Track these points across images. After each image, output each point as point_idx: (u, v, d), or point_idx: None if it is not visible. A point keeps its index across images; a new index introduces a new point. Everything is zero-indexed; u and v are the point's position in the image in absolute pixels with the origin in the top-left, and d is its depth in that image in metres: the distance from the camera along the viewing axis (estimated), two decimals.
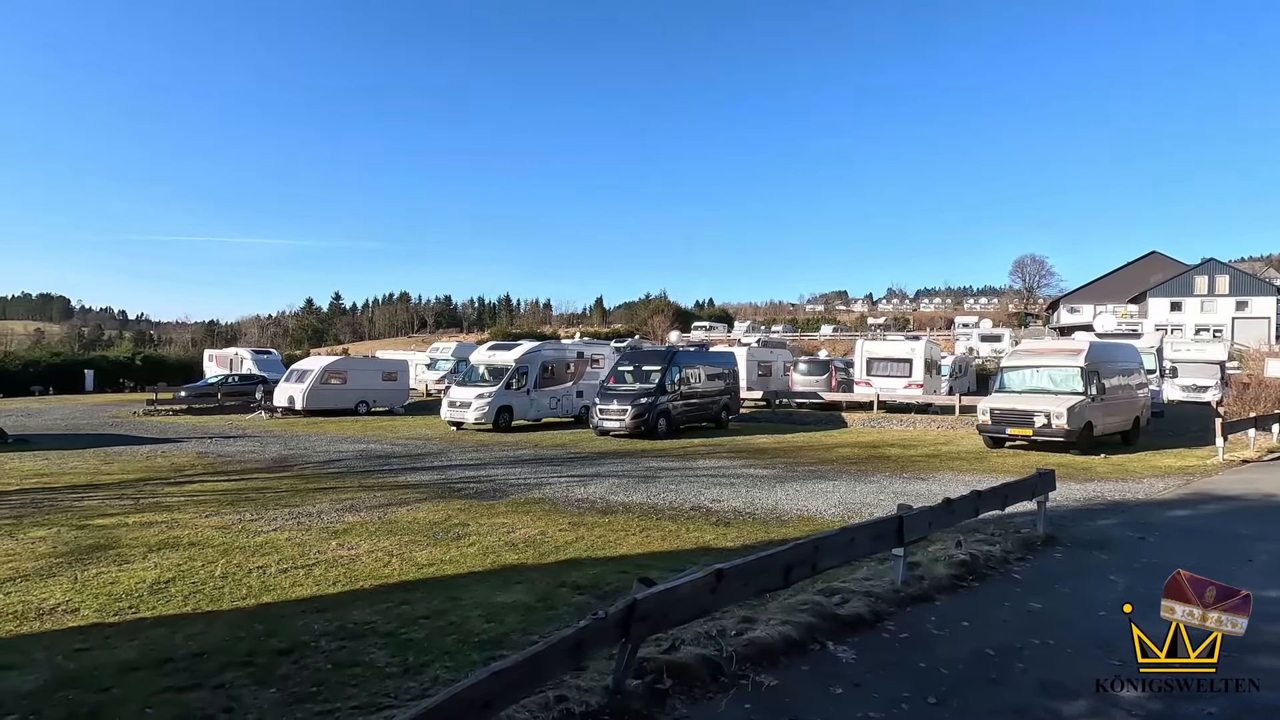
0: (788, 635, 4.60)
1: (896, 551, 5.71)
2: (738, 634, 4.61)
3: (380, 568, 6.66)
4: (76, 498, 10.30)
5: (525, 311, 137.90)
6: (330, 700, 3.86)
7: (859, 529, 5.40)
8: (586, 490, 11.03)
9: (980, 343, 49.09)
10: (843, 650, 4.59)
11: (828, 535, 5.20)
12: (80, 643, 4.75)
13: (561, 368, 23.98)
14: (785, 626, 4.69)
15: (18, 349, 53.62)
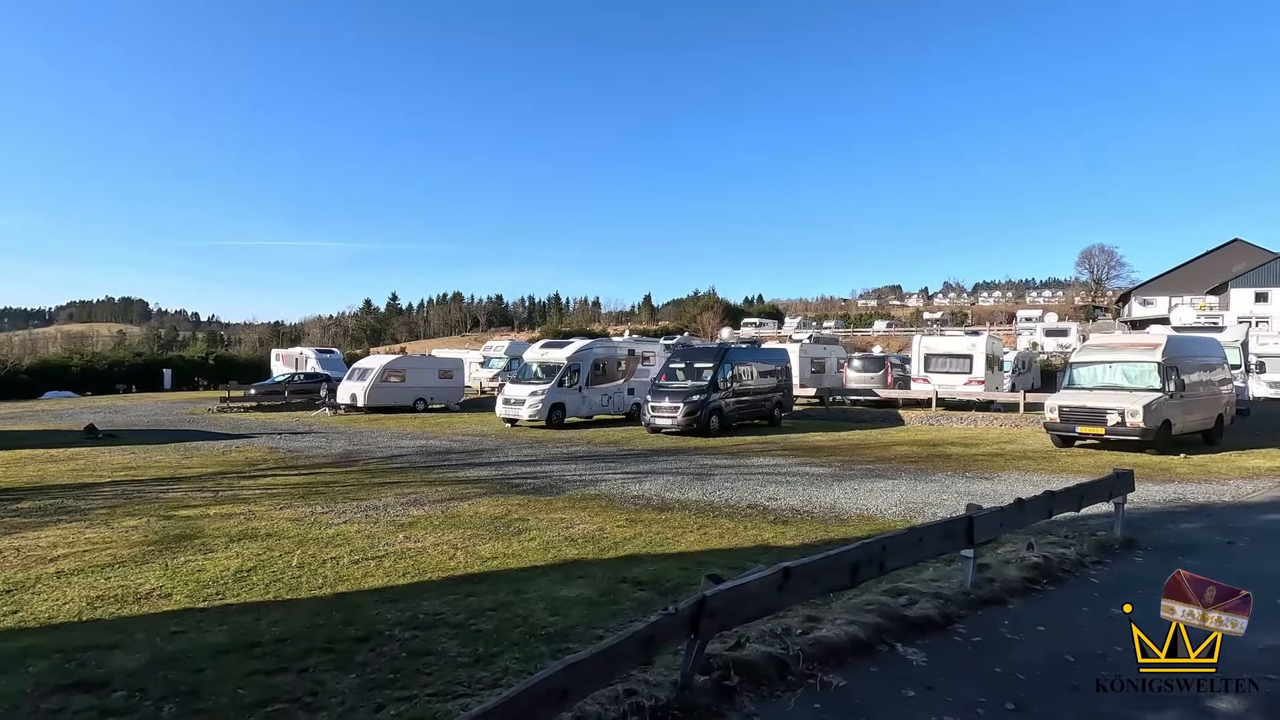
0: (854, 635, 4.54)
1: (966, 553, 5.56)
2: (803, 633, 4.57)
3: (446, 560, 6.85)
4: (161, 490, 10.92)
5: (574, 310, 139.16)
6: (408, 687, 4.00)
7: (927, 529, 5.28)
8: (642, 487, 11.08)
9: (1045, 337, 47.20)
10: (912, 652, 4.50)
11: (895, 535, 5.10)
12: (175, 626, 5.04)
13: (613, 365, 24.14)
14: (852, 627, 4.63)
15: (103, 350, 57.06)
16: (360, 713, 3.68)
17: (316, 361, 36.71)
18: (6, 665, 4.27)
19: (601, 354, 24.05)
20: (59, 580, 6.15)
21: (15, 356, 45.45)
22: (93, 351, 51.69)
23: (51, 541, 7.51)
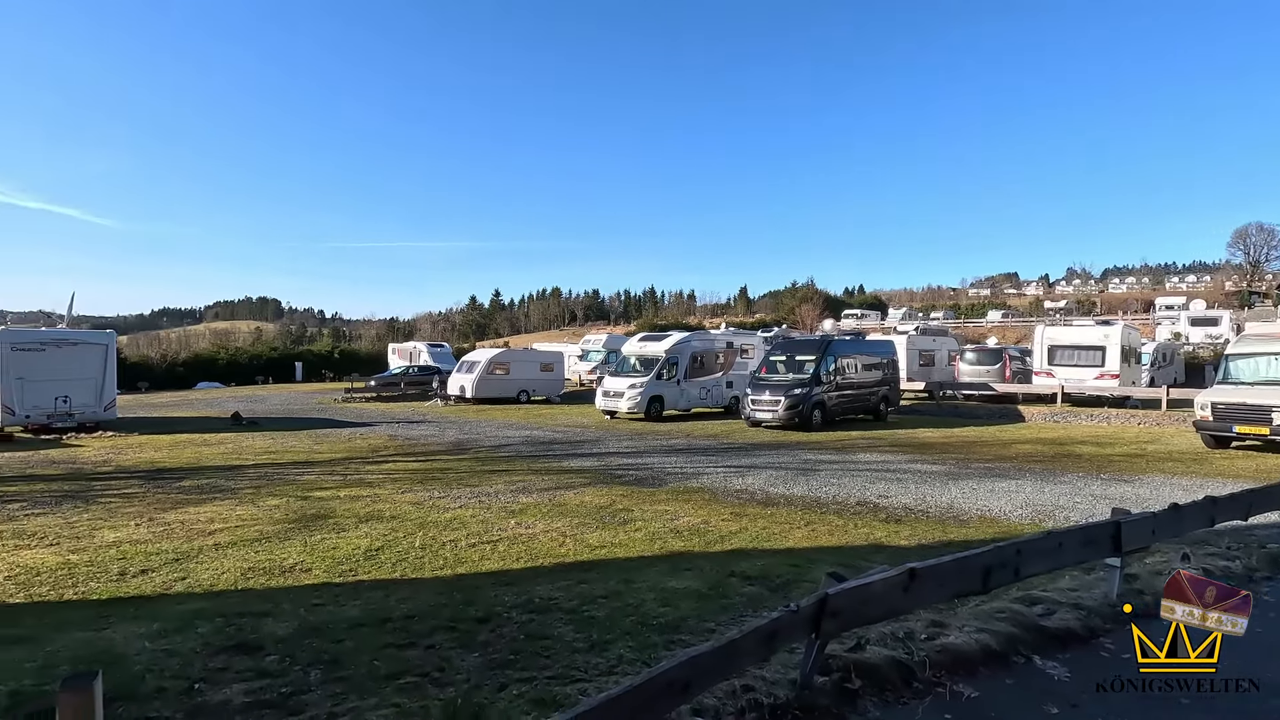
0: (985, 644, 4.25)
1: (1112, 561, 5.08)
2: (928, 638, 4.33)
3: (556, 547, 7.03)
4: (298, 472, 11.88)
5: (669, 303, 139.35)
6: (527, 669, 4.12)
7: (1067, 534, 4.87)
8: (744, 481, 10.93)
9: (1190, 327, 42.61)
10: (1052, 666, 4.17)
11: (1032, 539, 4.73)
12: (315, 599, 5.46)
13: (711, 358, 23.99)
14: (982, 635, 4.34)
15: (244, 345, 62.88)
16: (485, 690, 3.82)
17: (428, 355, 38.79)
18: (181, 625, 4.77)
19: (699, 347, 23.95)
20: (217, 552, 6.81)
21: (173, 351, 50.95)
22: (235, 346, 57.08)
23: (209, 517, 8.34)
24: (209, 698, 3.74)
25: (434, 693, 3.80)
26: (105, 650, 4.32)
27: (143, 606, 5.28)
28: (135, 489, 10.33)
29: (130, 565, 6.31)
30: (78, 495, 9.79)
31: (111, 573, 6.12)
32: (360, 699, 3.72)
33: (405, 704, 3.67)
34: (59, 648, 4.38)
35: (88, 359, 18.35)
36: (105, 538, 7.32)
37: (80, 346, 18.51)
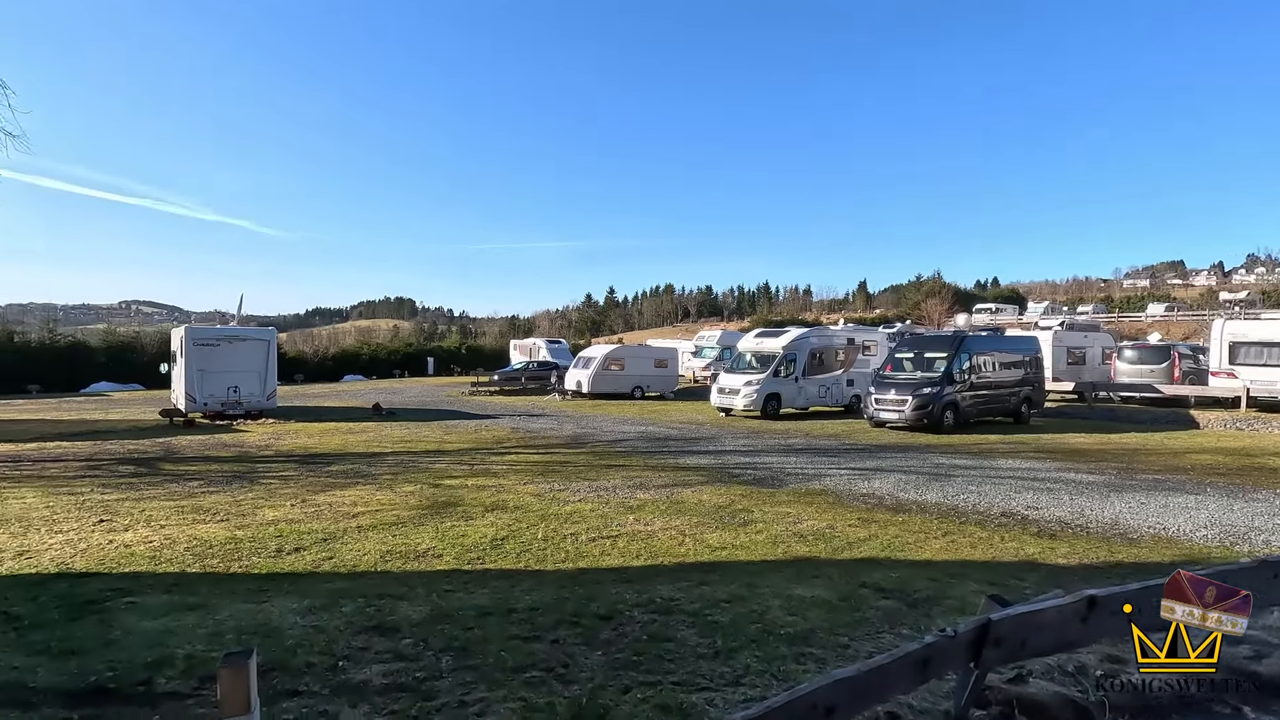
0: (1181, 688, 3.64)
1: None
2: (1106, 675, 3.78)
3: (676, 546, 6.90)
4: (430, 461, 12.55)
5: (784, 299, 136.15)
6: (651, 672, 4.00)
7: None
8: (871, 485, 10.32)
9: None
10: None
11: (1237, 567, 4.02)
12: (446, 585, 5.64)
13: (831, 355, 23.06)
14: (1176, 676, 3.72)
15: (384, 341, 68.03)
16: (609, 692, 3.74)
17: (547, 351, 40.15)
18: (328, 603, 5.07)
19: (818, 343, 23.08)
20: (359, 534, 7.25)
21: (323, 347, 56.02)
22: (376, 343, 61.84)
23: (353, 500, 8.93)
24: (351, 676, 3.91)
25: (559, 689, 3.77)
26: (264, 623, 4.66)
27: (295, 583, 5.68)
28: (291, 472, 11.31)
29: (286, 543, 6.85)
30: (244, 476, 10.85)
31: (270, 549, 6.67)
32: (489, 690, 3.75)
33: (531, 699, 3.65)
34: (225, 617, 4.78)
35: (254, 353, 20.44)
36: (265, 516, 8.02)
37: (248, 342, 20.65)
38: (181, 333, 20.56)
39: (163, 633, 4.47)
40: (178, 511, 8.21)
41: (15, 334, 36.83)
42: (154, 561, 6.20)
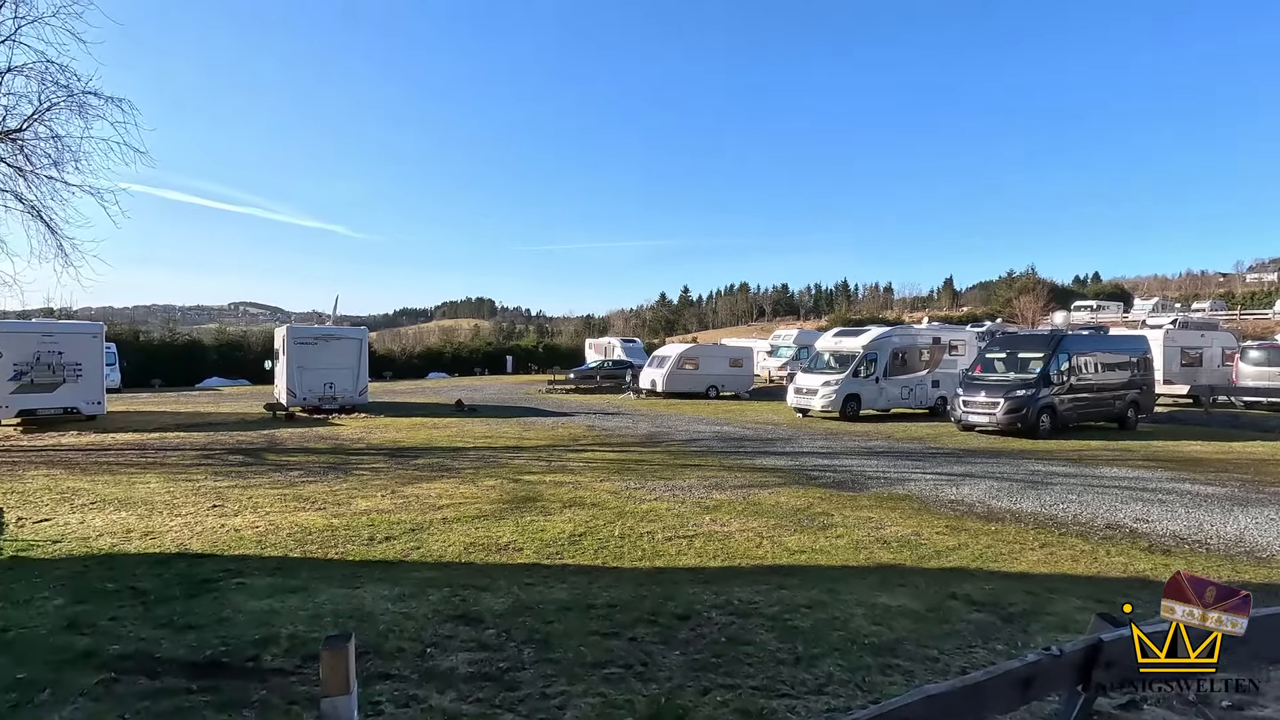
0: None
1: None
2: (1232, 707, 3.45)
3: (753, 548, 6.80)
4: (509, 456, 12.89)
5: (864, 296, 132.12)
6: (731, 675, 3.95)
7: None
8: (960, 491, 9.85)
9: None
10: None
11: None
12: (527, 578, 5.77)
13: (914, 354, 22.18)
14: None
15: (465, 340, 70.50)
16: (688, 693, 3.72)
17: (621, 350, 40.47)
18: (416, 591, 5.29)
19: (901, 342, 22.25)
20: (444, 526, 7.52)
21: (409, 345, 58.60)
22: (458, 342, 64.11)
23: (438, 493, 9.29)
24: (438, 663, 4.05)
25: (638, 687, 3.78)
26: (358, 608, 4.91)
27: (386, 570, 5.95)
28: (381, 464, 11.88)
29: (377, 532, 7.19)
30: (339, 467, 11.48)
31: (363, 537, 7.02)
32: (569, 684, 3.80)
33: (611, 695, 3.68)
34: (323, 600, 5.06)
35: (348, 351, 21.59)
36: (359, 506, 8.45)
37: (343, 341, 21.83)
38: (283, 332, 21.96)
39: (268, 613, 4.78)
40: (280, 499, 8.77)
41: (141, 333, 40.39)
42: (260, 546, 6.64)
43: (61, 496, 8.82)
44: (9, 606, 4.80)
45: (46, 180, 13.87)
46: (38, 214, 13.83)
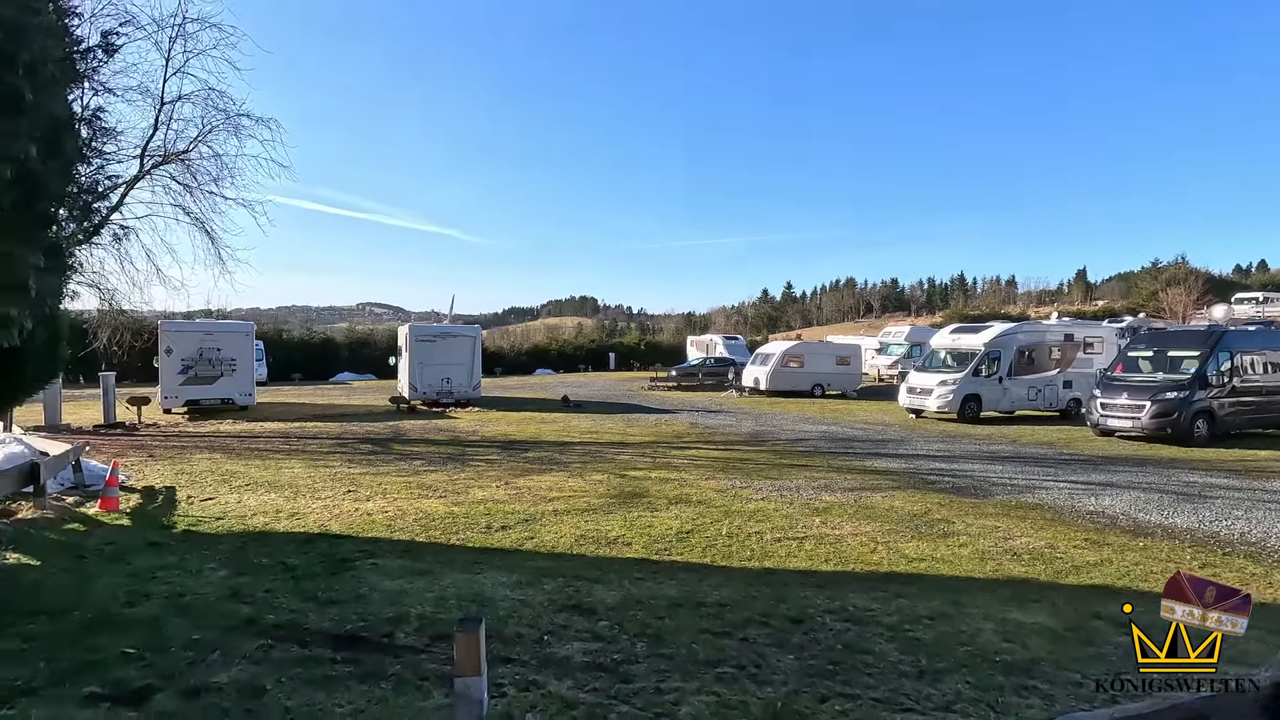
0: None
1: None
2: None
3: (867, 553, 6.55)
4: (615, 452, 13.11)
5: (983, 290, 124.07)
6: (849, 684, 3.81)
7: None
8: (1100, 502, 9.03)
9: None
10: None
11: None
12: (637, 573, 5.84)
13: (1043, 352, 20.57)
14: None
15: (569, 337, 72.51)
16: (805, 699, 3.63)
17: (723, 347, 40.19)
18: (532, 580, 5.48)
19: (1028, 339, 20.69)
20: (555, 518, 7.76)
21: (517, 343, 60.97)
22: (563, 339, 66.00)
23: (548, 485, 9.59)
24: (555, 650, 4.18)
25: (753, 689, 3.73)
26: (478, 593, 5.15)
27: (503, 558, 6.21)
28: (495, 456, 12.42)
29: (494, 521, 7.52)
30: (457, 458, 12.11)
31: (480, 525, 7.36)
32: (683, 680, 3.81)
33: (725, 695, 3.65)
34: (448, 584, 5.35)
35: (463, 348, 22.76)
36: (476, 495, 8.87)
37: (459, 338, 23.04)
38: (406, 330, 23.46)
39: (399, 593, 5.11)
40: (406, 486, 9.37)
41: (283, 332, 44.45)
42: (390, 529, 7.12)
43: (221, 478, 9.85)
44: (185, 575, 5.42)
45: (208, 195, 15.57)
46: (202, 225, 15.53)
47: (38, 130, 4.24)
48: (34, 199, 4.58)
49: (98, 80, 8.84)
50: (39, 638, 4.16)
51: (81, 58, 6.99)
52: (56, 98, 4.86)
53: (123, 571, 5.52)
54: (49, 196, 4.95)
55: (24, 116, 4.06)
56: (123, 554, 6.04)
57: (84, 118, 7.37)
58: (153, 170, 15.11)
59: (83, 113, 7.52)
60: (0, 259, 4.15)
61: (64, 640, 4.13)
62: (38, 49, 4.12)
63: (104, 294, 14.46)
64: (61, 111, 5.06)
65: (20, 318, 4.63)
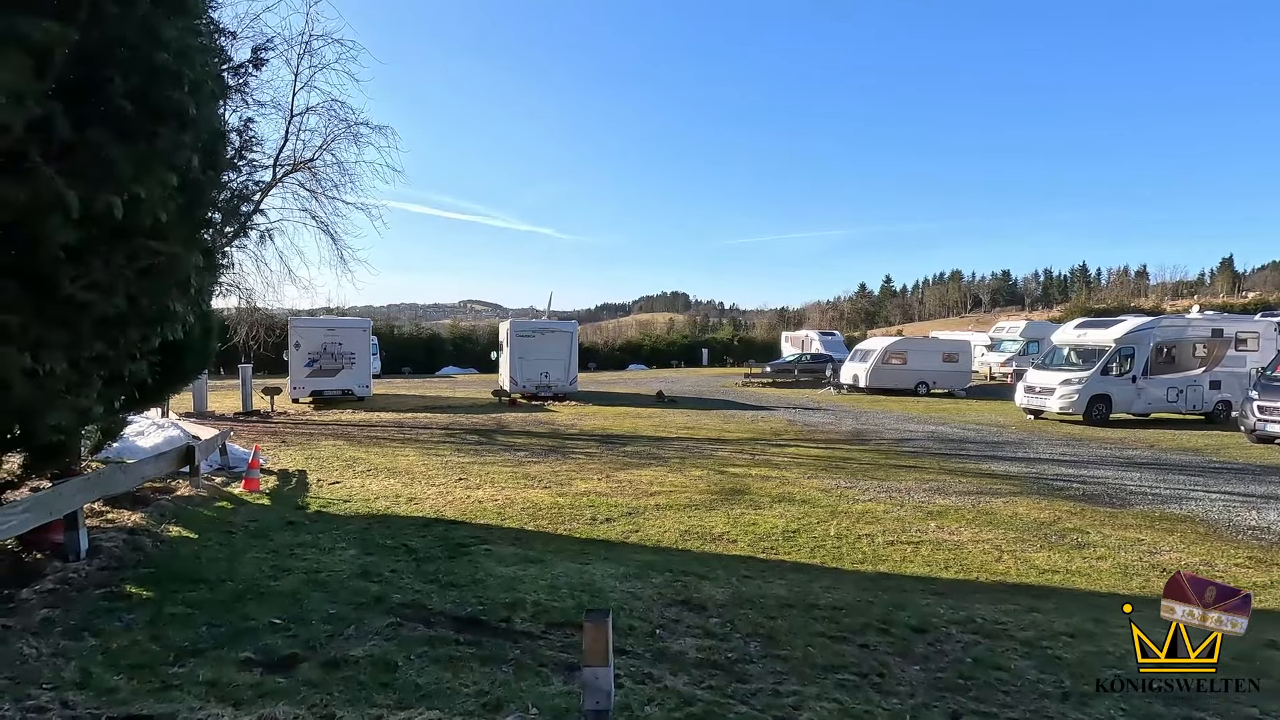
0: None
1: None
2: None
3: (992, 562, 6.14)
4: (713, 448, 13.00)
5: (1109, 282, 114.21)
6: (983, 701, 3.57)
7: None
8: (1264, 517, 8.07)
9: None
10: None
11: None
12: (744, 571, 5.74)
13: (1185, 350, 18.66)
14: None
15: (661, 333, 72.83)
16: (934, 713, 3.42)
17: (820, 343, 39.05)
18: (639, 572, 5.50)
19: (1167, 334, 18.83)
20: (658, 512, 7.77)
21: (611, 338, 61.89)
22: (655, 335, 66.34)
23: (648, 479, 9.63)
24: (668, 645, 4.16)
25: (876, 699, 3.56)
26: (589, 583, 5.22)
27: (610, 550, 6.28)
28: (594, 449, 12.62)
29: (598, 513, 7.62)
30: (558, 450, 12.40)
31: (585, 517, 7.48)
32: (801, 684, 3.69)
33: (847, 703, 3.50)
34: (559, 573, 5.45)
35: (561, 343, 23.32)
36: (578, 487, 9.04)
37: (556, 334, 23.62)
38: (507, 326, 24.28)
39: (513, 579, 5.26)
40: (512, 476, 9.67)
41: (395, 328, 47.23)
42: (500, 517, 7.37)
43: (346, 463, 10.54)
44: (320, 553, 5.82)
45: (330, 200, 16.72)
46: (326, 228, 16.72)
47: (199, 142, 4.65)
48: (195, 205, 5.04)
49: (248, 93, 9.68)
50: (201, 605, 4.58)
51: (234, 73, 7.63)
52: (214, 112, 5.32)
53: (266, 547, 6.00)
54: (206, 203, 5.43)
55: (188, 130, 4.47)
56: (265, 531, 6.56)
57: (236, 129, 8.05)
58: (284, 178, 16.41)
59: (235, 125, 8.31)
60: (168, 259, 4.58)
61: (221, 608, 4.52)
62: (200, 67, 4.52)
63: (243, 293, 15.86)
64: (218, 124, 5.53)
65: (184, 313, 5.11)
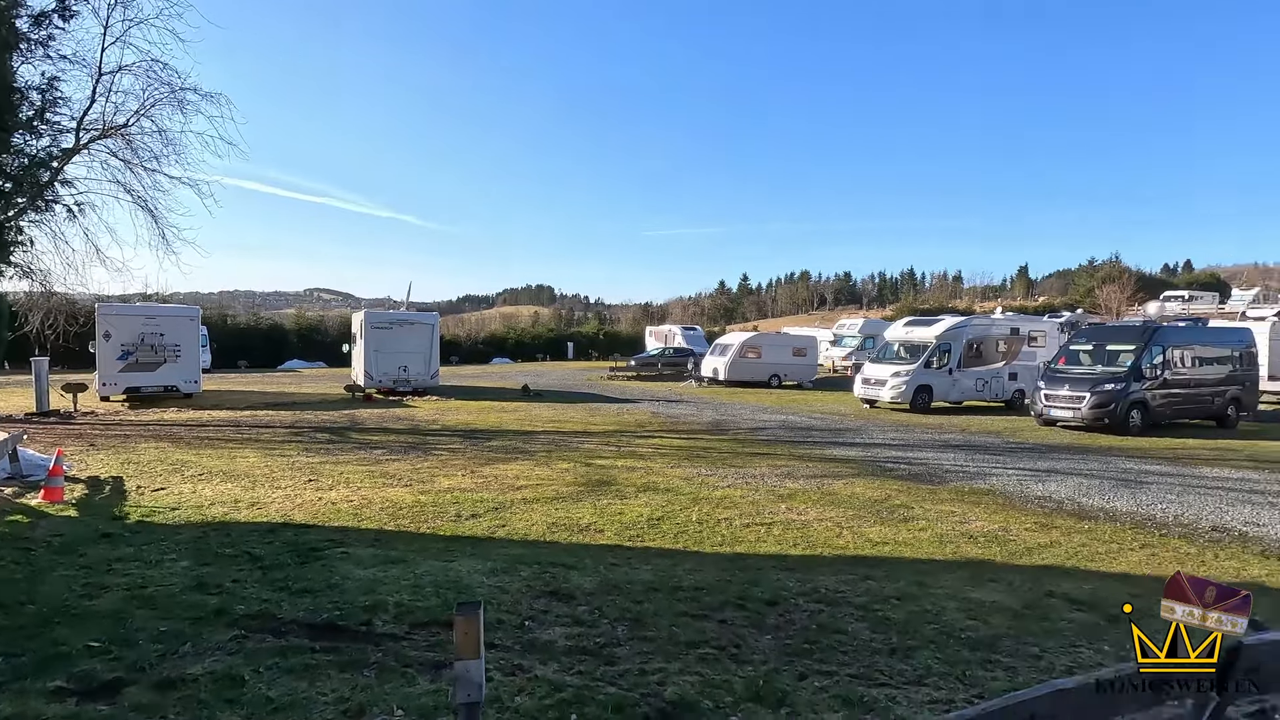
0: None
1: None
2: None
3: (833, 538, 6.75)
4: (579, 441, 13.10)
5: (931, 285, 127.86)
6: (825, 661, 3.95)
7: None
8: (1046, 487, 9.48)
9: None
10: None
11: None
12: (611, 559, 5.89)
13: (990, 345, 21.36)
14: None
15: (526, 327, 71.84)
16: (785, 676, 3.74)
17: (682, 338, 40.41)
18: (507, 567, 5.47)
19: (976, 332, 21.46)
20: (525, 505, 7.74)
21: (473, 331, 60.10)
22: (520, 328, 65.38)
23: (515, 474, 9.54)
24: (538, 635, 4.20)
25: (734, 669, 3.82)
26: (455, 580, 5.12)
27: (476, 546, 6.18)
28: (458, 445, 12.28)
29: (463, 509, 7.46)
30: (418, 447, 11.93)
31: (450, 514, 7.29)
32: (665, 661, 3.88)
33: (708, 674, 3.73)
34: (422, 572, 5.30)
35: (421, 336, 22.34)
36: (442, 484, 8.77)
37: (416, 326, 22.60)
38: (361, 317, 22.87)
39: (373, 581, 5.04)
40: (369, 475, 9.19)
41: (228, 317, 42.81)
42: (357, 518, 7.00)
43: (172, 468, 9.49)
44: (145, 566, 5.23)
45: (149, 172, 14.84)
46: (144, 204, 14.81)
47: None
48: None
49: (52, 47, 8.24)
50: None
51: (35, 23, 6.53)
52: None
53: (76, 564, 5.29)
54: None
55: None
56: (74, 545, 5.78)
57: (38, 86, 6.89)
58: (90, 144, 14.32)
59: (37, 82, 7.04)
60: None
61: (20, 634, 3.95)
62: None
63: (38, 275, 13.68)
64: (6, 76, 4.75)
65: None
